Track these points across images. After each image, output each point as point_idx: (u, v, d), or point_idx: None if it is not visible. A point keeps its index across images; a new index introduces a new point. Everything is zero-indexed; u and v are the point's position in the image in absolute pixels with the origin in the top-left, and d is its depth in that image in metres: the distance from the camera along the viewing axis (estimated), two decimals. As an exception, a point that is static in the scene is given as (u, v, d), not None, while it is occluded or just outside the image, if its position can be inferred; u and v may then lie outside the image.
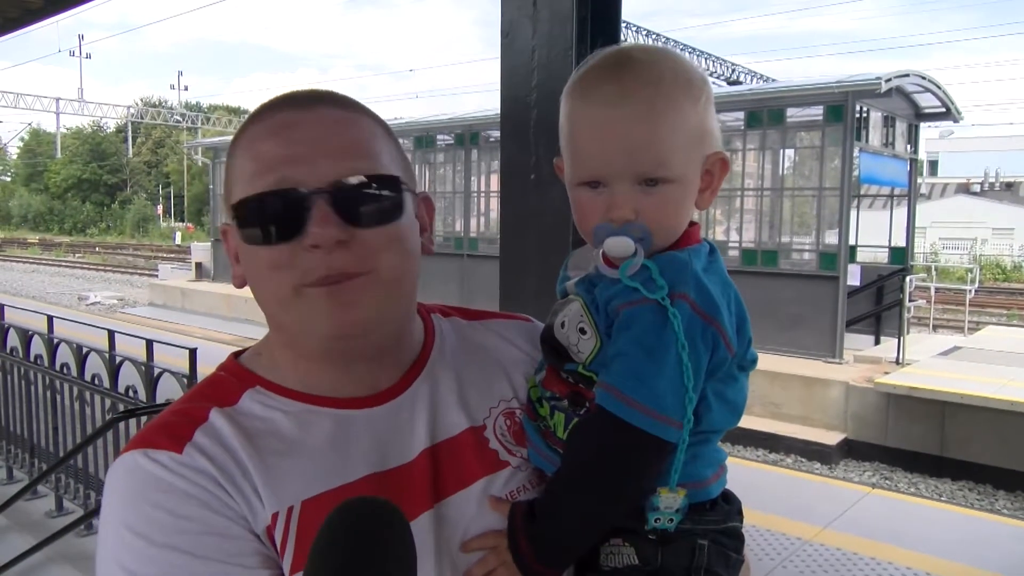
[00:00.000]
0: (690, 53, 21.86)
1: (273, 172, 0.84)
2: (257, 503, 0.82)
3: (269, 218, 0.85)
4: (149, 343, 4.50)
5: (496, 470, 0.96)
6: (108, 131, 66.46)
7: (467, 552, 0.90)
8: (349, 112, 0.90)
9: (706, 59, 22.49)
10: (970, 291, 15.87)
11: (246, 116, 0.94)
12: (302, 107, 0.88)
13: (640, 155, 0.89)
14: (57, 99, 41.18)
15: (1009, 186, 48.61)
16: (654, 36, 20.95)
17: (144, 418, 4.09)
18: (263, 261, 0.86)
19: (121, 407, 4.31)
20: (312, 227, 0.82)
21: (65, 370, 5.04)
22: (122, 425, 4.35)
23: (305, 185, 0.83)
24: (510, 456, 0.97)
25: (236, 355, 0.98)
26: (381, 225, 0.86)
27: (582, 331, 0.93)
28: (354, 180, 0.85)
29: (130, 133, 52.40)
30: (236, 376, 0.93)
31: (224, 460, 0.83)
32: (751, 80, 22.84)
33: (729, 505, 0.97)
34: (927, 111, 14.01)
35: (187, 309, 20.49)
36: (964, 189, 48.26)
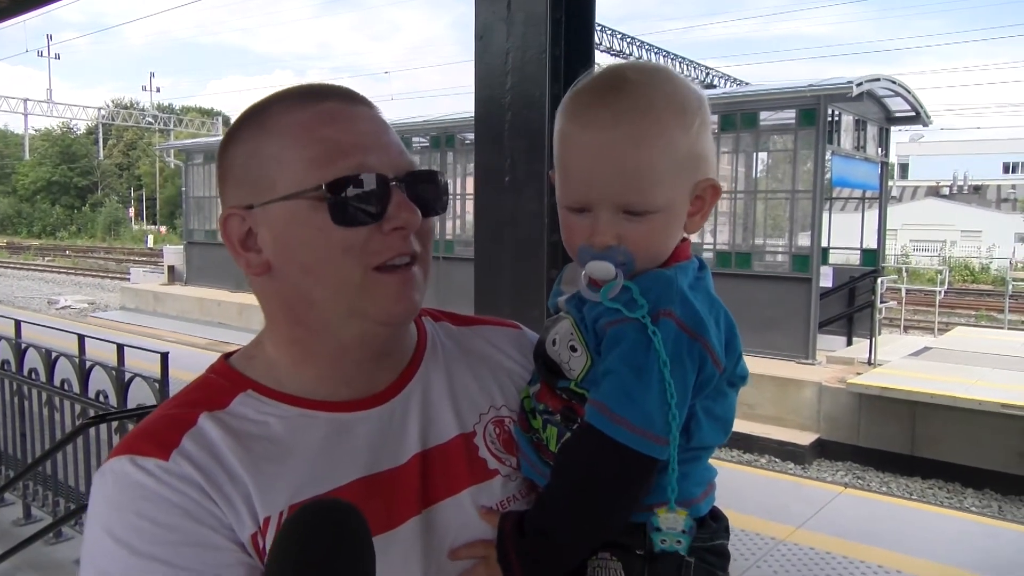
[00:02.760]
0: (663, 57, 22.01)
1: (349, 157, 0.85)
2: (244, 510, 0.81)
3: (361, 200, 0.85)
4: (120, 347, 4.44)
5: (485, 479, 0.96)
6: (78, 133, 65.59)
7: (455, 560, 0.90)
8: (381, 114, 0.93)
9: (680, 63, 22.64)
10: (940, 292, 16.10)
11: (263, 104, 0.92)
12: (346, 101, 0.90)
13: (625, 187, 0.88)
14: (25, 100, 40.51)
15: (977, 189, 49.44)
16: (628, 40, 21.05)
17: (115, 423, 4.04)
18: (336, 243, 0.85)
19: (92, 412, 4.25)
20: (394, 211, 0.85)
21: (33, 375, 4.96)
22: (92, 431, 4.30)
23: (387, 172, 0.86)
24: (500, 465, 0.97)
25: (226, 357, 0.96)
26: (435, 215, 0.91)
27: (572, 349, 0.93)
28: (424, 172, 0.89)
29: (101, 135, 51.70)
30: (227, 379, 0.92)
31: (211, 467, 0.82)
32: (725, 84, 23.03)
33: (717, 523, 0.97)
34: (897, 115, 14.21)
35: (159, 313, 20.25)
36: (934, 192, 49.00)
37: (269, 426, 0.87)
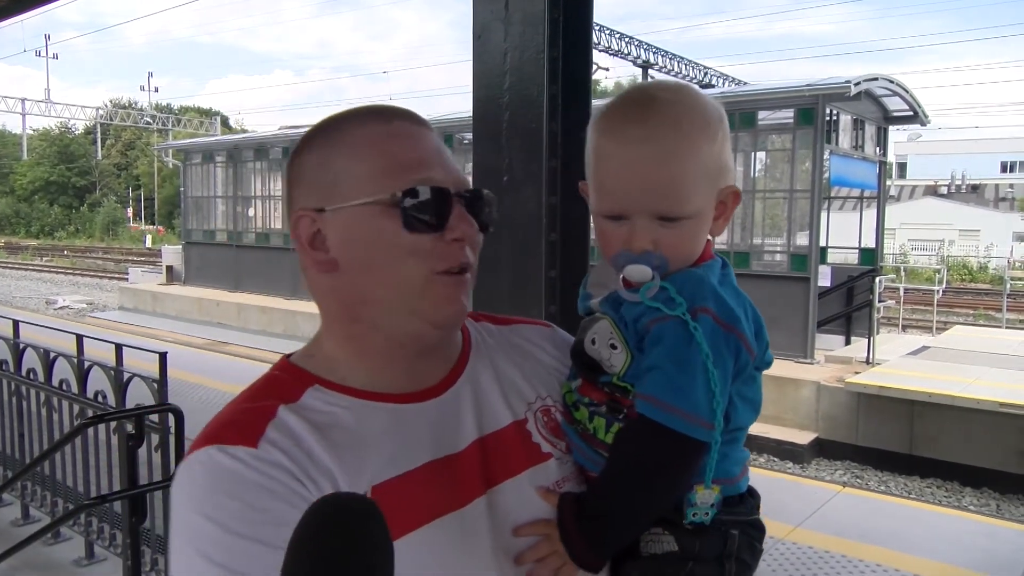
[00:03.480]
0: (662, 57, 22.01)
1: (417, 171, 0.94)
2: (331, 491, 0.87)
3: (431, 210, 0.93)
4: (119, 347, 4.44)
5: (540, 461, 1.03)
6: (76, 133, 65.50)
7: (519, 536, 0.97)
8: (437, 135, 1.03)
9: (678, 63, 22.66)
10: (938, 291, 16.14)
11: (341, 117, 1.02)
12: (412, 121, 1.00)
13: (660, 196, 0.96)
14: (23, 99, 40.46)
15: (975, 188, 49.48)
16: (627, 39, 21.05)
17: (113, 424, 4.04)
18: (405, 247, 0.93)
19: (90, 412, 4.25)
20: (455, 223, 0.94)
21: (32, 375, 4.95)
22: (91, 431, 4.29)
23: (451, 187, 0.95)
24: (552, 448, 1.05)
25: (287, 357, 1.03)
26: (486, 231, 1.00)
27: (612, 346, 1.00)
28: (479, 190, 0.99)
29: (99, 135, 51.64)
30: (293, 376, 0.98)
31: (297, 453, 0.88)
32: (723, 83, 23.03)
33: (753, 499, 1.06)
34: (895, 114, 14.22)
35: (158, 313, 20.23)
36: (932, 191, 49.05)
37: (338, 416, 0.94)
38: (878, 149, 14.36)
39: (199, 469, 0.86)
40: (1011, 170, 53.88)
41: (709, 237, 1.03)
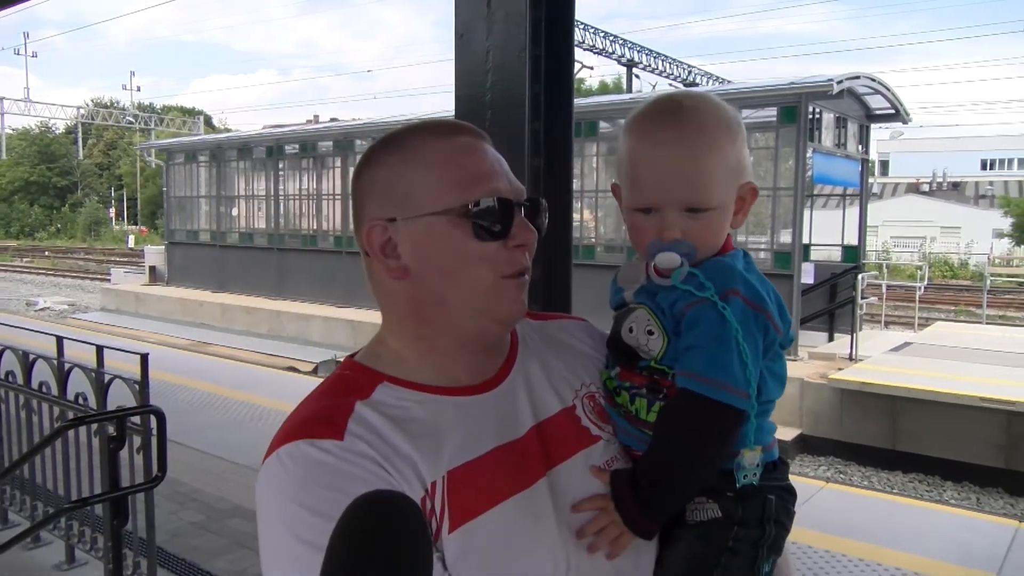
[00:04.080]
0: (647, 56, 22.07)
1: (485, 183, 1.03)
2: (414, 478, 0.94)
3: (498, 220, 1.02)
4: (99, 349, 4.39)
5: (590, 444, 1.11)
6: (57, 132, 64.84)
7: (577, 512, 1.04)
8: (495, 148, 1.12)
9: (663, 61, 22.72)
10: (920, 288, 16.28)
11: (405, 132, 1.10)
12: (475, 136, 1.09)
13: (688, 190, 1.07)
14: (1, 99, 40.01)
15: (956, 186, 49.94)
16: (612, 38, 21.10)
17: (94, 426, 4.00)
18: (474, 254, 1.02)
19: (70, 415, 4.21)
20: (517, 231, 1.03)
21: (10, 378, 4.89)
22: (71, 434, 4.25)
23: (513, 197, 1.05)
24: (600, 431, 1.13)
25: (351, 357, 1.11)
26: (539, 237, 1.08)
27: (650, 332, 1.10)
28: (536, 199, 1.09)
29: (80, 134, 51.17)
30: (362, 374, 1.06)
31: (379, 444, 0.95)
32: (707, 82, 23.12)
33: (784, 466, 1.17)
34: (877, 112, 14.33)
35: (141, 314, 20.06)
36: (914, 189, 49.46)
37: (409, 410, 1.01)
38: (860, 147, 14.47)
39: (290, 462, 0.92)
40: (991, 168, 54.48)
41: (730, 231, 1.14)
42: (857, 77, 12.59)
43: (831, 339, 13.22)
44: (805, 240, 12.97)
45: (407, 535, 0.71)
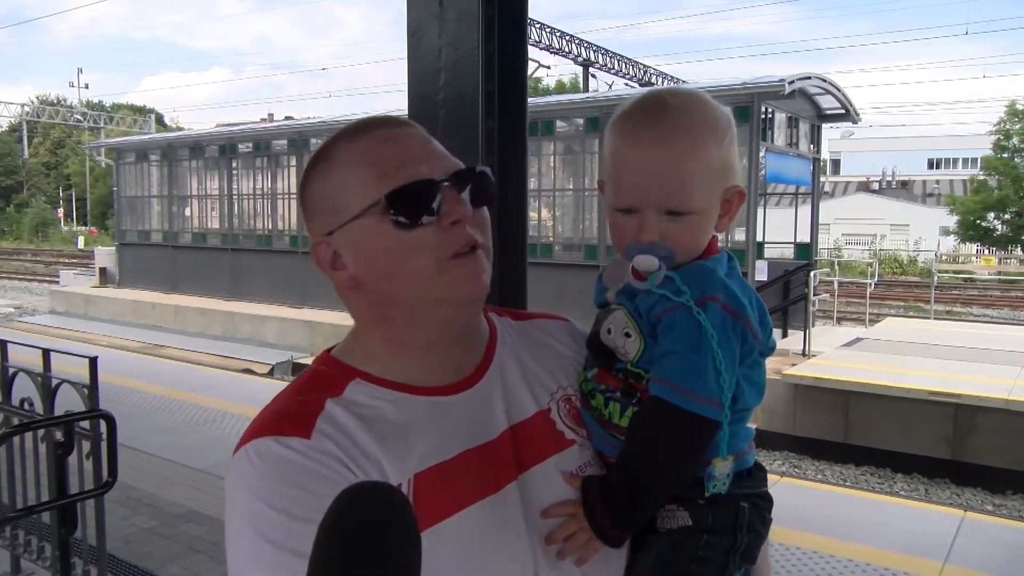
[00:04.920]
0: (603, 56, 22.20)
1: (403, 170, 0.99)
2: (379, 479, 0.92)
3: (417, 205, 0.98)
4: (46, 352, 4.27)
5: (564, 448, 1.10)
6: (0, 130, 63.02)
7: (546, 518, 1.03)
8: (424, 131, 1.09)
9: (618, 61, 22.88)
10: (870, 285, 16.65)
11: (330, 137, 1.08)
12: (395, 126, 1.06)
13: (669, 193, 1.04)
14: (-57, 96, 38.75)
15: (904, 184, 51.19)
16: (568, 37, 21.17)
17: (41, 432, 3.90)
18: (408, 245, 0.98)
19: (15, 421, 4.09)
20: (448, 208, 0.98)
21: (-47, 383, 4.74)
22: (16, 440, 4.13)
23: (435, 176, 1.00)
24: (574, 435, 1.12)
25: (328, 352, 1.09)
26: (485, 206, 1.04)
27: (627, 335, 1.08)
28: (467, 169, 1.03)
29: (25, 133, 49.77)
30: (336, 370, 1.04)
31: (346, 444, 0.94)
32: (662, 82, 23.35)
33: (761, 473, 1.14)
34: (828, 112, 14.60)
35: (91, 316, 19.59)
36: (864, 187, 50.59)
37: (380, 409, 1.00)
38: (812, 146, 14.73)
39: (257, 459, 0.92)
40: (937, 167, 55.97)
41: (715, 234, 1.11)
42: (808, 77, 12.82)
43: (785, 335, 13.44)
44: (759, 238, 13.16)
45: (396, 526, 0.70)
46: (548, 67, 24.06)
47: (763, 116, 12.35)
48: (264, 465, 0.91)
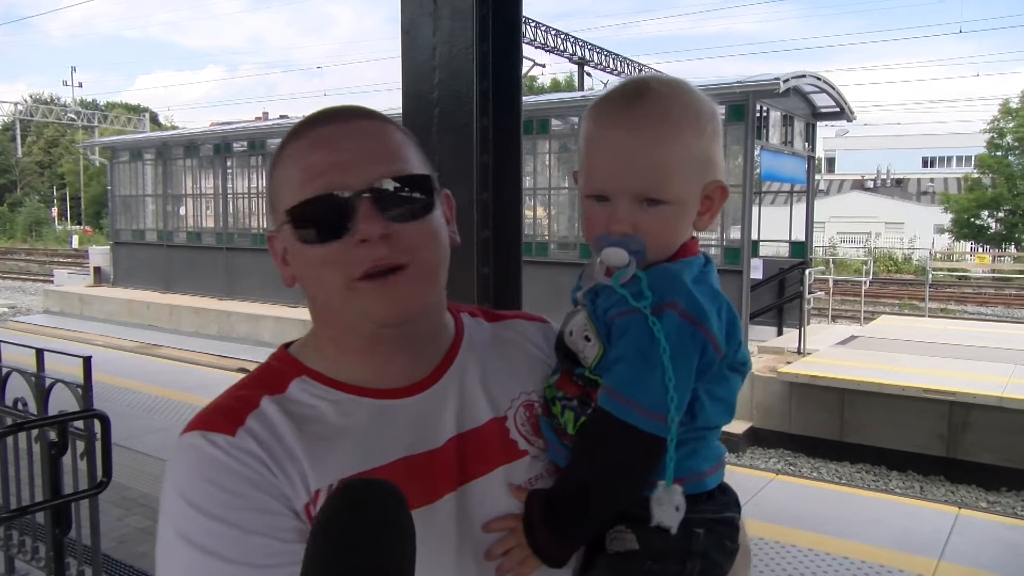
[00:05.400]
0: (598, 54, 22.21)
1: (322, 178, 0.94)
2: (300, 483, 0.91)
3: (321, 219, 0.94)
4: (39, 352, 4.26)
5: (515, 459, 1.04)
6: (-6, 129, 62.78)
7: (488, 532, 0.99)
8: (381, 123, 1.01)
9: (614, 60, 22.89)
10: (865, 283, 16.66)
11: (286, 132, 1.04)
12: (341, 121, 0.99)
13: (643, 177, 0.98)
14: (-64, 95, 38.59)
15: (899, 182, 51.29)
16: (563, 36, 21.17)
17: (35, 432, 3.88)
18: (317, 259, 0.95)
19: (9, 421, 4.08)
20: (359, 224, 0.92)
21: (-54, 384, 4.72)
22: (10, 440, 4.12)
23: (351, 188, 0.93)
24: (528, 446, 1.06)
25: (286, 346, 1.07)
26: (416, 220, 0.96)
27: (587, 338, 1.01)
28: (391, 182, 0.95)
29: (19, 131, 49.57)
30: (286, 365, 1.03)
31: (272, 444, 0.92)
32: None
33: (725, 496, 1.06)
34: (823, 110, 14.63)
35: (86, 316, 19.54)
36: (859, 185, 50.66)
37: (321, 409, 0.97)
38: (807, 144, 14.75)
39: (182, 452, 0.92)
40: (932, 165, 56.10)
41: (694, 233, 1.05)
42: (803, 76, 12.83)
43: (780, 333, 13.46)
44: (754, 236, 13.17)
45: (380, 523, 0.71)
46: (543, 65, 24.05)
47: (758, 114, 12.37)
48: (186, 460, 0.91)
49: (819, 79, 13.35)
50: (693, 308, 0.95)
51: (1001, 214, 33.74)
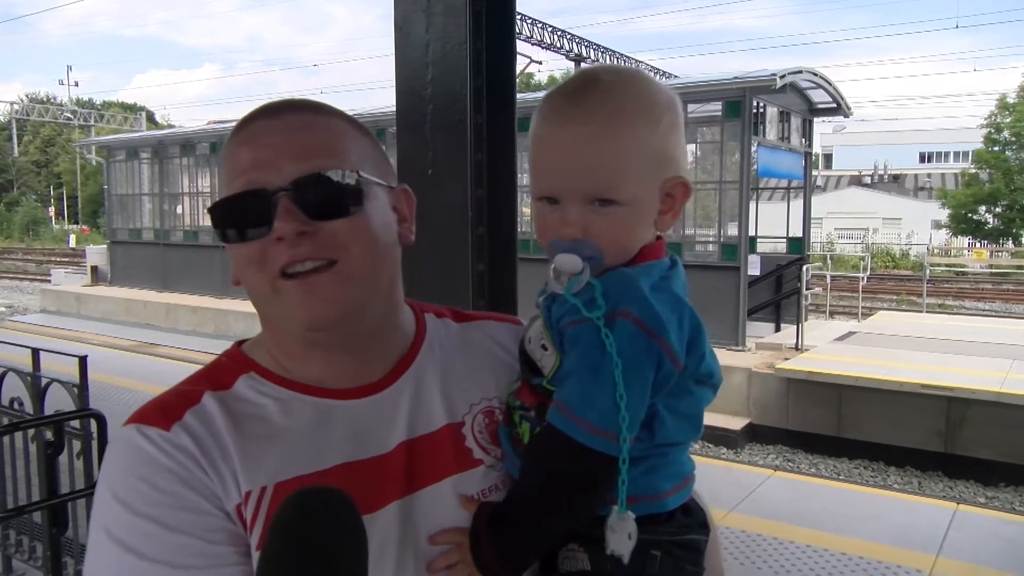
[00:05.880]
0: (595, 51, 22.18)
1: (243, 176, 0.92)
2: (232, 483, 0.88)
3: (238, 218, 0.92)
4: (35, 352, 4.25)
5: (469, 468, 1.00)
6: (-10, 129, 62.70)
7: (433, 544, 0.94)
8: (315, 115, 0.97)
9: (611, 56, 22.86)
10: (862, 278, 16.66)
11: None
12: (273, 115, 0.95)
13: (591, 176, 0.91)
14: (-68, 95, 38.50)
15: (896, 178, 51.33)
16: (559, 33, 21.14)
17: (31, 431, 3.87)
18: (242, 258, 0.92)
19: (5, 420, 4.07)
20: (276, 222, 0.89)
21: (-58, 384, 4.70)
22: (6, 440, 4.11)
23: (270, 185, 0.90)
24: (484, 455, 1.01)
25: (240, 343, 1.05)
26: (342, 217, 0.91)
27: (544, 347, 0.97)
28: (311, 176, 0.91)
29: (15, 131, 49.48)
30: (235, 361, 1.00)
31: (207, 441, 0.89)
32: (655, 77, 23.32)
33: (688, 518, 0.99)
34: (820, 106, 14.61)
35: (83, 315, 19.51)
36: (856, 181, 50.69)
37: (264, 407, 0.94)
38: (804, 140, 14.74)
39: (117, 447, 0.89)
40: (929, 160, 56.13)
41: (660, 234, 0.99)
42: (799, 71, 12.82)
43: (777, 329, 13.46)
44: (751, 233, 13.17)
45: (333, 530, 0.70)
46: (539, 63, 24.00)
47: (755, 111, 12.35)
48: (119, 453, 0.89)
49: (816, 75, 13.33)
50: (649, 317, 0.88)
51: (998, 209, 33.77)
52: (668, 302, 0.91)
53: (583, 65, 22.21)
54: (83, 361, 4.03)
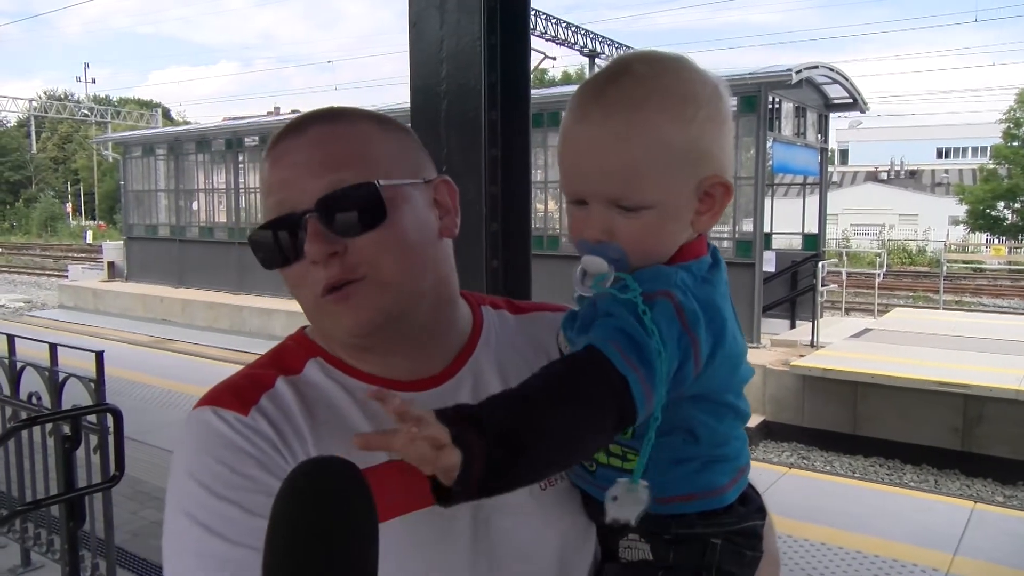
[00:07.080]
0: (609, 46, 22.10)
1: (273, 198, 0.93)
2: None
3: (274, 246, 0.93)
4: (53, 347, 4.29)
5: None
6: (9, 125, 63.28)
7: (370, 396, 0.82)
8: (337, 125, 0.95)
9: (625, 51, 22.75)
10: (879, 275, 16.56)
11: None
12: (297, 132, 0.94)
13: (608, 181, 0.86)
14: (-49, 92, 38.90)
15: (913, 174, 50.89)
16: (573, 28, 21.08)
17: (48, 426, 3.91)
18: (288, 281, 0.95)
19: (23, 415, 4.11)
20: (306, 246, 0.89)
21: (-39, 378, 4.76)
22: (24, 434, 4.15)
23: (298, 207, 0.90)
24: None
25: (304, 328, 1.05)
26: (371, 230, 0.90)
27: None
28: (334, 194, 0.90)
29: (33, 128, 49.90)
30: (302, 346, 1.01)
31: (284, 426, 0.91)
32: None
33: (745, 507, 0.98)
34: (836, 102, 14.50)
35: (100, 311, 19.68)
36: (872, 177, 50.31)
37: (333, 394, 0.95)
38: (819, 136, 14.64)
39: (195, 429, 0.90)
40: (946, 156, 55.61)
41: (699, 232, 0.92)
42: (816, 67, 12.73)
43: (793, 326, 13.40)
44: (766, 229, 13.08)
45: (345, 502, 0.69)
46: (554, 58, 23.96)
47: (770, 106, 12.28)
48: (196, 436, 0.89)
49: (832, 70, 13.24)
50: (689, 309, 0.83)
51: (1017, 205, 33.42)
52: (704, 304, 0.86)
53: (598, 61, 22.14)
54: (100, 356, 4.06)
